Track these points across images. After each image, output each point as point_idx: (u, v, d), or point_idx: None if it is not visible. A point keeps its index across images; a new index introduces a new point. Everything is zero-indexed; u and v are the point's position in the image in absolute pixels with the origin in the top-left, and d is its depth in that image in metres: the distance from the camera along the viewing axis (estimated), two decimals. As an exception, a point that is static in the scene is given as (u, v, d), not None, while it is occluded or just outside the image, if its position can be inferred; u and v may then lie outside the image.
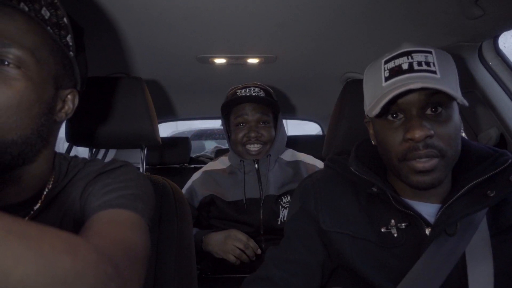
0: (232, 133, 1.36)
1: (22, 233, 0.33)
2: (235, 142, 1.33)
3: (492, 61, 1.18)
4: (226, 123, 1.41)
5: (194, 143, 2.59)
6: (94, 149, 2.02)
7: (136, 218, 0.57)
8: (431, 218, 0.69)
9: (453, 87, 0.64)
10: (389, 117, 0.67)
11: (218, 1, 0.95)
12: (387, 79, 0.66)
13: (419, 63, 0.64)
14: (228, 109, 1.36)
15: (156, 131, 1.05)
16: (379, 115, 0.67)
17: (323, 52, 1.37)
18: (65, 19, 0.58)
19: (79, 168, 0.66)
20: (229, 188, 1.34)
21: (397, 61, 0.66)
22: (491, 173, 0.66)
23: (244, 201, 1.30)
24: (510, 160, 0.67)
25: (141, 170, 1.23)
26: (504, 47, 1.17)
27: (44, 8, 0.55)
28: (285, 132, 1.44)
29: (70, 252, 0.37)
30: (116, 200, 0.58)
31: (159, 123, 2.34)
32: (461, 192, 0.66)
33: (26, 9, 0.53)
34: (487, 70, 1.19)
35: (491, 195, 0.64)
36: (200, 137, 5.04)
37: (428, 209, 0.70)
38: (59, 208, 0.61)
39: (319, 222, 0.76)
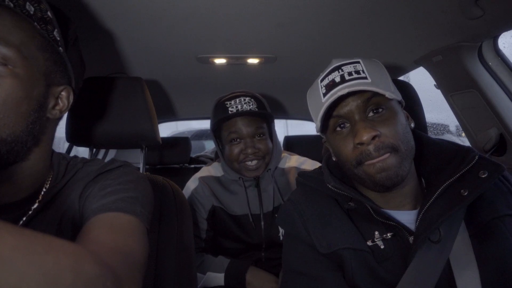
0: (225, 149, 1.27)
1: (28, 249, 0.33)
2: (231, 159, 1.24)
3: (492, 61, 1.18)
4: (217, 137, 1.32)
5: (194, 143, 2.59)
6: (94, 149, 2.03)
7: (134, 222, 0.57)
8: (411, 226, 0.68)
9: (383, 87, 0.66)
10: (337, 128, 0.70)
11: (218, 1, 0.95)
12: (324, 94, 0.69)
13: (350, 73, 0.68)
14: (219, 124, 1.26)
15: (156, 131, 1.05)
16: (329, 130, 0.71)
17: (323, 52, 1.36)
18: (49, 13, 0.57)
19: (78, 168, 0.65)
20: (229, 201, 1.28)
21: (330, 77, 0.70)
22: (462, 172, 0.66)
23: (251, 218, 1.25)
24: (477, 156, 0.67)
25: (141, 170, 1.23)
26: (504, 47, 1.17)
27: (27, 3, 0.54)
28: (278, 140, 1.36)
29: (73, 268, 0.37)
30: (114, 204, 0.57)
31: (159, 123, 2.34)
32: (435, 195, 0.66)
33: (11, 5, 0.52)
34: (487, 70, 1.19)
35: (465, 194, 0.64)
36: (200, 137, 5.04)
37: (405, 217, 0.70)
38: (57, 208, 0.60)
39: (315, 247, 0.71)
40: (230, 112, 1.20)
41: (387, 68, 0.74)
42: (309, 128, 2.83)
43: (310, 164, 1.36)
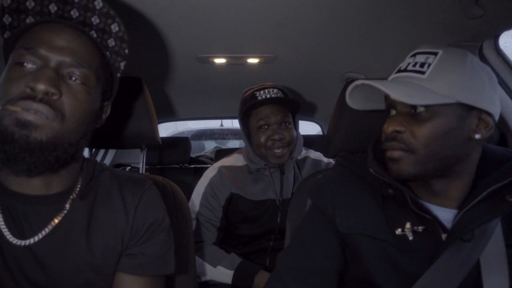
0: (253, 136, 1.34)
1: None
2: (258, 145, 1.31)
3: (493, 61, 1.18)
4: (244, 125, 1.38)
5: (194, 143, 2.58)
6: (93, 149, 2.02)
7: (164, 278, 0.73)
8: (447, 224, 0.67)
9: (439, 87, 0.63)
10: (390, 110, 0.72)
11: (218, 1, 0.95)
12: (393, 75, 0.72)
13: (414, 64, 0.68)
14: (247, 112, 1.33)
15: (156, 131, 1.05)
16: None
17: (323, 52, 1.36)
18: (126, 51, 0.71)
19: (105, 176, 0.73)
20: (250, 187, 1.33)
21: (406, 61, 0.71)
22: (511, 178, 0.64)
23: (278, 202, 1.32)
24: None
25: (141, 170, 1.23)
26: (505, 46, 1.17)
27: (111, 39, 0.69)
28: (299, 132, 1.45)
29: None
30: (154, 262, 0.70)
31: (159, 123, 2.34)
32: (478, 198, 0.64)
33: (95, 35, 0.67)
34: (488, 70, 1.18)
35: (510, 199, 0.62)
36: (200, 137, 5.03)
37: (443, 214, 0.68)
38: (89, 205, 0.69)
39: (335, 223, 0.73)
40: (259, 99, 1.28)
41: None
42: (308, 128, 2.83)
43: (318, 155, 1.47)
